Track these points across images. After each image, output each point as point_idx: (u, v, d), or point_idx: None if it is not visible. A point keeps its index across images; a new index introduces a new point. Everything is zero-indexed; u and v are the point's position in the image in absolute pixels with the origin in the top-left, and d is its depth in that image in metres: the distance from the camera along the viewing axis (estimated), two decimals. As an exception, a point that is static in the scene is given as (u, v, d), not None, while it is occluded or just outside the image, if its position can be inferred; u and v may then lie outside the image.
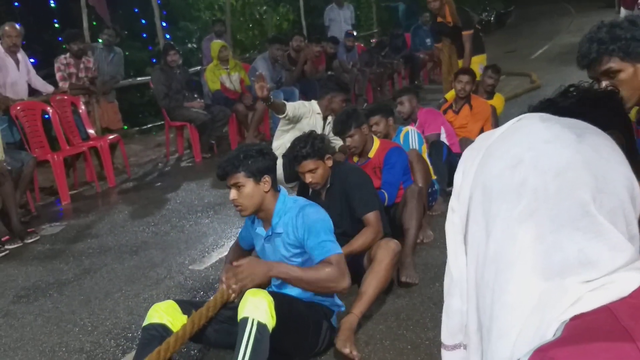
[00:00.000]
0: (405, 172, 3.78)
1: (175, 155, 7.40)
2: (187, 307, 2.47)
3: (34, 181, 5.50)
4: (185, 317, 2.42)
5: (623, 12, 8.55)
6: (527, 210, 0.68)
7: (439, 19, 6.49)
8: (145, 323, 2.42)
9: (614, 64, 1.93)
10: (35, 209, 5.37)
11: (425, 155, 4.17)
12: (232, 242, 4.16)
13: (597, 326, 0.62)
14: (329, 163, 3.17)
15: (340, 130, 3.72)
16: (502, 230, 0.70)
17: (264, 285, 2.48)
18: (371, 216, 3.13)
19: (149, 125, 9.27)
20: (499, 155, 0.73)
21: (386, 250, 2.95)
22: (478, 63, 6.26)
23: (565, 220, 0.66)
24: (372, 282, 2.84)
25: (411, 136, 4.20)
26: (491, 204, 0.71)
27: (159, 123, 8.70)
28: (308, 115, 4.44)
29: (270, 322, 2.26)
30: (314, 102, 4.54)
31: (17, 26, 5.79)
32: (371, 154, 3.79)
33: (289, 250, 2.60)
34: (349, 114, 3.75)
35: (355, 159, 3.84)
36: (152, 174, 6.79)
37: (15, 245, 4.56)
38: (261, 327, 2.23)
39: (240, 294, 2.38)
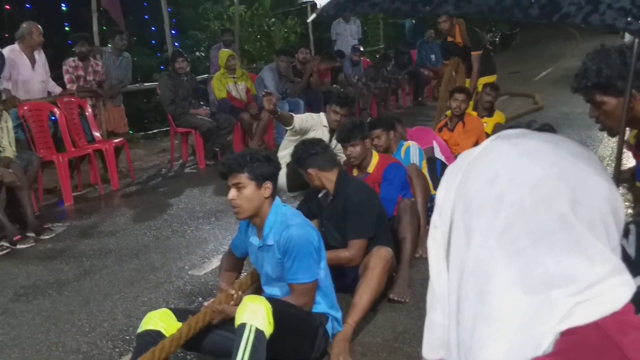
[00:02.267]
0: (404, 187, 3.79)
1: (180, 161, 7.44)
2: (182, 314, 2.48)
3: (38, 181, 5.54)
4: (180, 324, 2.42)
5: (627, 37, 8.60)
6: (505, 224, 0.69)
7: (449, 39, 6.54)
8: (139, 330, 2.43)
9: (597, 96, 2.03)
10: (38, 209, 5.39)
11: (425, 171, 4.19)
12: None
13: (587, 341, 0.63)
14: (329, 176, 3.22)
15: (344, 137, 3.73)
16: (480, 245, 0.70)
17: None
18: (355, 243, 3.10)
19: (154, 131, 9.33)
20: (478, 171, 0.73)
21: (377, 258, 2.98)
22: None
23: (543, 233, 0.67)
24: (366, 291, 2.86)
25: (412, 151, 4.22)
26: (471, 219, 0.72)
27: (164, 129, 8.75)
28: (315, 127, 4.44)
29: (267, 328, 2.28)
30: (322, 115, 4.55)
31: (38, 26, 5.84)
32: (370, 169, 3.80)
33: (281, 260, 2.61)
34: (355, 124, 3.77)
35: (355, 172, 3.85)
36: (156, 178, 6.82)
37: (28, 245, 4.56)
38: (259, 333, 2.25)
39: (240, 301, 2.41)
